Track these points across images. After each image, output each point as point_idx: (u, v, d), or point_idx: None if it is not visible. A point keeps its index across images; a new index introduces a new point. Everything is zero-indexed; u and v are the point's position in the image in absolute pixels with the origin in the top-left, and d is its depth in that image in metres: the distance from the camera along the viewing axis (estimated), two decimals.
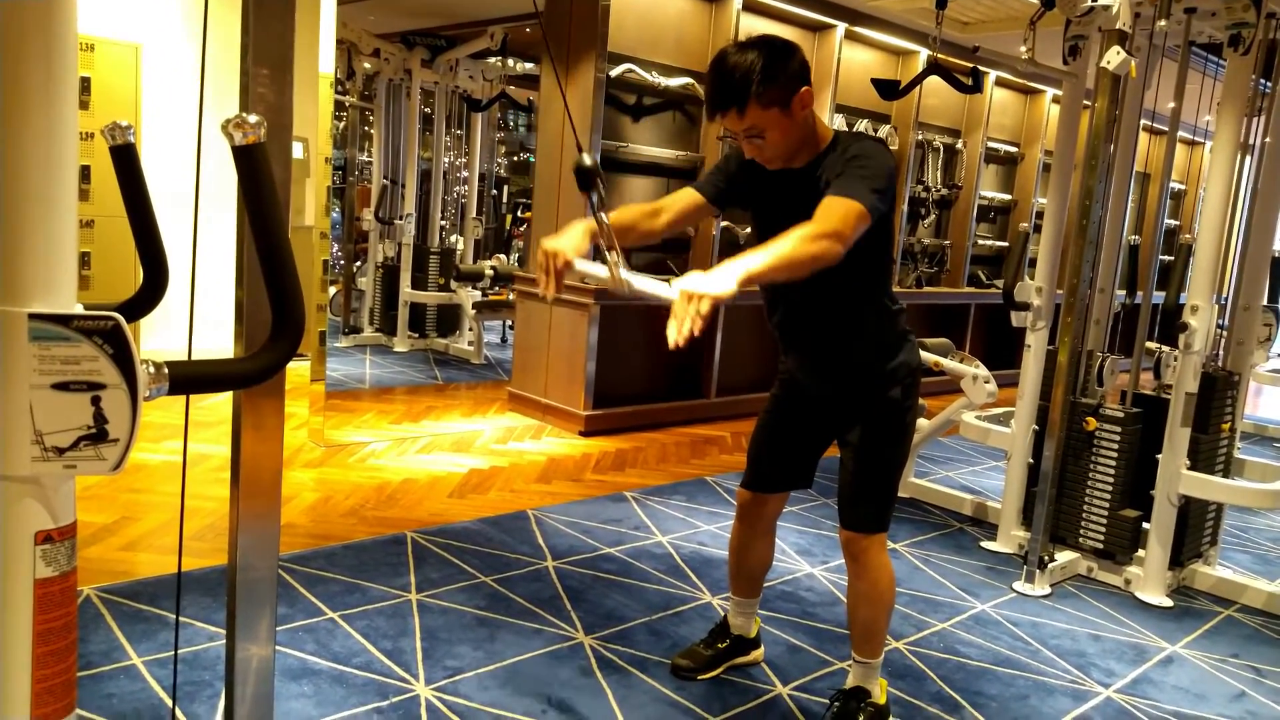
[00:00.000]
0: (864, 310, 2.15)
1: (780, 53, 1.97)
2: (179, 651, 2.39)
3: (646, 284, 1.79)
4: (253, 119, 1.02)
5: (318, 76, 4.38)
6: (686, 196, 2.23)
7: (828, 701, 2.35)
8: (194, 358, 1.08)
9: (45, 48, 0.92)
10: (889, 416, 2.17)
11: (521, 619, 2.74)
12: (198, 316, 5.21)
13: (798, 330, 2.24)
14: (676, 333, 1.61)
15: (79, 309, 0.95)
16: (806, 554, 3.46)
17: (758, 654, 2.61)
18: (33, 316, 0.91)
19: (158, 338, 5.48)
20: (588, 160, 1.77)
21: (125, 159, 1.38)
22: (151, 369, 0.97)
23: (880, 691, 2.32)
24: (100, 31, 5.25)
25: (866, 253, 2.06)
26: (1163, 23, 3.13)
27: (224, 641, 2.37)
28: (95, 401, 0.94)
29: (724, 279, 1.68)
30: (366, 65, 6.94)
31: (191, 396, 1.16)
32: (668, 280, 1.72)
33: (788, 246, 1.77)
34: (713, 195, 2.23)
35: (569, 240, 1.92)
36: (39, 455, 0.92)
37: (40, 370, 0.91)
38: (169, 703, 2.14)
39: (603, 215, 1.83)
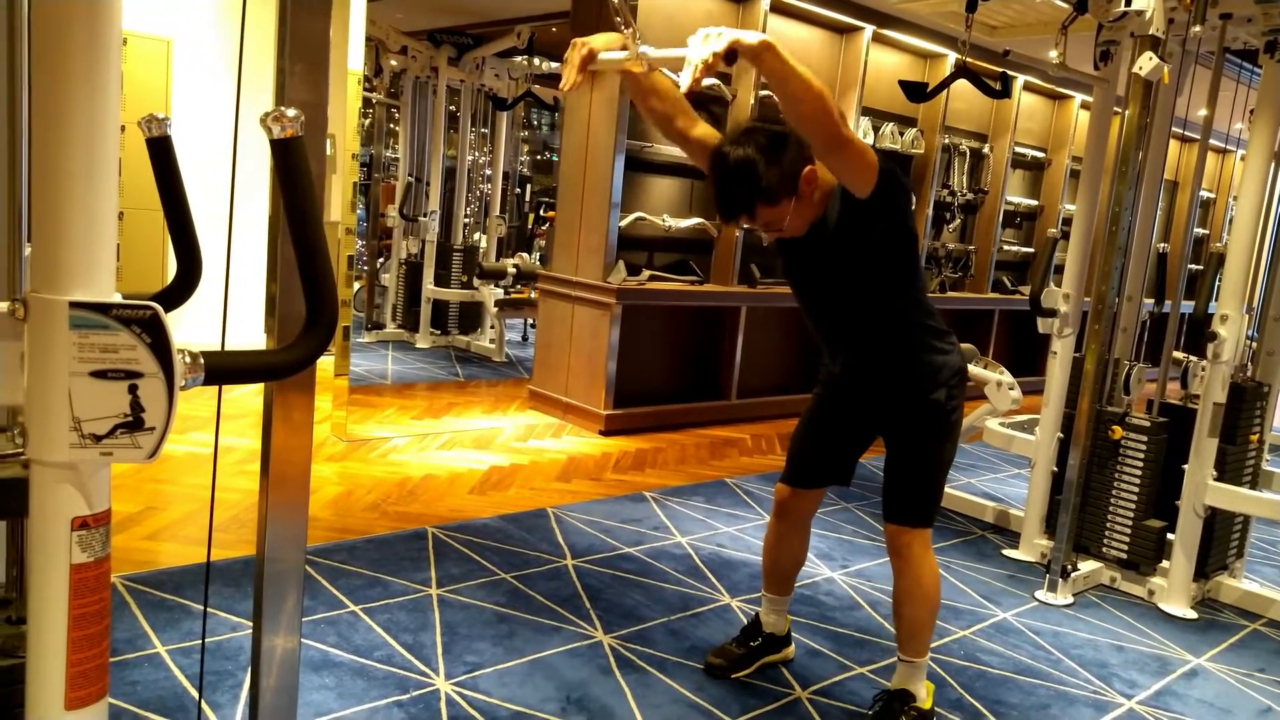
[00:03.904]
0: (901, 319, 2.18)
1: (773, 149, 1.96)
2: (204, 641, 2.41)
3: (665, 51, 1.72)
4: (291, 113, 1.03)
5: (346, 73, 4.41)
6: (716, 136, 2.18)
7: (872, 699, 2.38)
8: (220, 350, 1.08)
9: (89, 39, 0.93)
10: (933, 417, 2.19)
11: (541, 616, 2.74)
12: (220, 310, 5.25)
13: (839, 340, 2.29)
14: (690, 76, 1.58)
15: (117, 299, 0.96)
16: (826, 558, 3.45)
17: (789, 652, 2.62)
18: (73, 305, 0.92)
19: (180, 330, 5.52)
20: None
21: (162, 151, 1.39)
22: (188, 359, 0.98)
23: (926, 695, 2.32)
24: (132, 25, 5.30)
25: (898, 264, 2.13)
26: (1197, 28, 3.10)
27: (246, 632, 2.39)
28: (132, 390, 0.94)
29: (749, 33, 1.62)
30: (394, 63, 6.98)
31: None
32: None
33: (810, 76, 1.72)
34: None
35: (598, 37, 1.90)
36: (76, 442, 0.93)
37: (79, 358, 0.92)
38: (193, 692, 2.16)
39: None
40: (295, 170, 1.04)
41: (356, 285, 7.08)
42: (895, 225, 2.06)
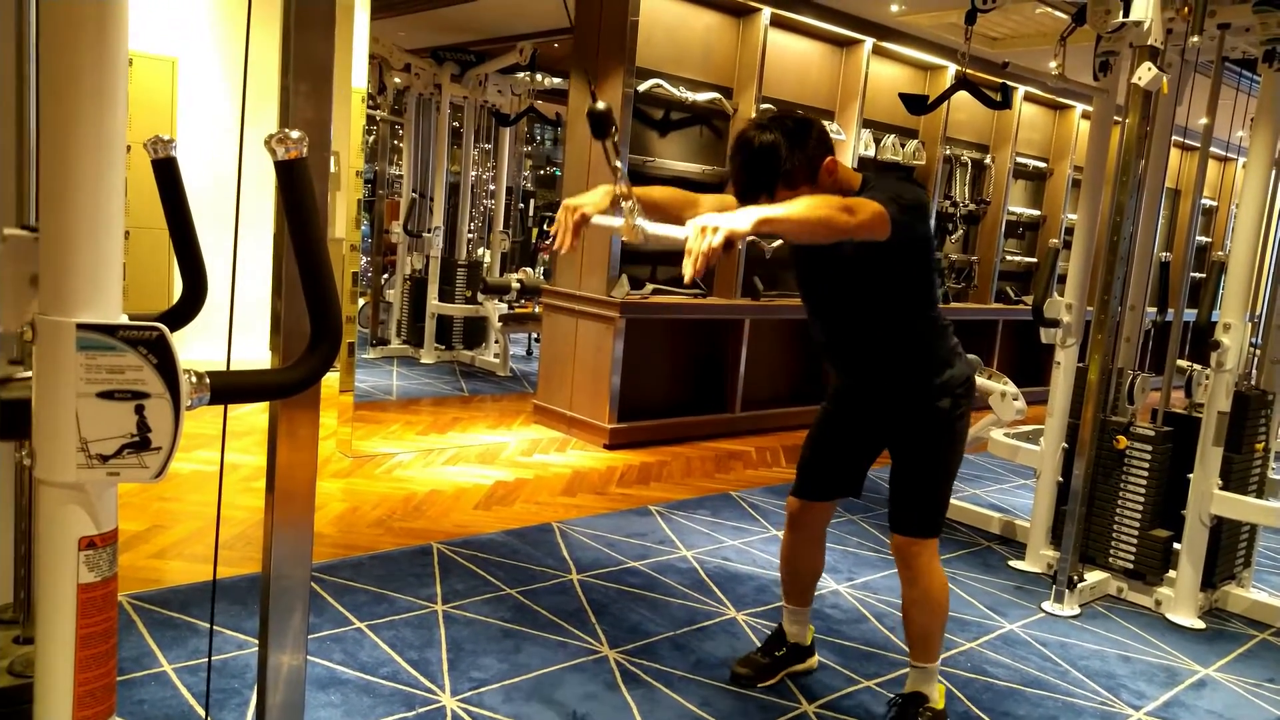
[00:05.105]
0: (911, 331, 2.20)
1: (798, 134, 2.01)
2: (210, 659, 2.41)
3: (661, 229, 1.78)
4: (295, 134, 1.04)
5: (350, 91, 4.44)
6: (725, 200, 2.25)
7: (886, 705, 2.39)
8: (221, 369, 1.09)
9: (97, 60, 0.94)
10: (939, 426, 2.21)
11: (546, 631, 2.74)
12: (224, 328, 5.25)
13: (847, 349, 2.30)
14: (690, 266, 1.62)
15: (124, 320, 0.97)
16: (832, 571, 3.44)
17: (813, 661, 2.64)
18: (80, 326, 0.93)
19: (185, 348, 5.54)
20: (601, 106, 1.73)
21: (167, 172, 1.41)
22: (193, 379, 0.99)
23: (939, 696, 2.34)
24: (138, 45, 5.34)
25: (909, 275, 2.14)
26: (1195, 38, 3.11)
27: (252, 650, 2.39)
28: (139, 410, 0.95)
29: (740, 218, 1.68)
30: (397, 80, 7.02)
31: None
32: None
33: (805, 205, 1.80)
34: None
35: (590, 197, 1.99)
36: (84, 462, 0.94)
37: (87, 379, 0.93)
38: (199, 710, 2.16)
39: (618, 163, 1.83)
40: (299, 191, 1.05)
41: (361, 301, 7.11)
42: (915, 250, 2.09)
